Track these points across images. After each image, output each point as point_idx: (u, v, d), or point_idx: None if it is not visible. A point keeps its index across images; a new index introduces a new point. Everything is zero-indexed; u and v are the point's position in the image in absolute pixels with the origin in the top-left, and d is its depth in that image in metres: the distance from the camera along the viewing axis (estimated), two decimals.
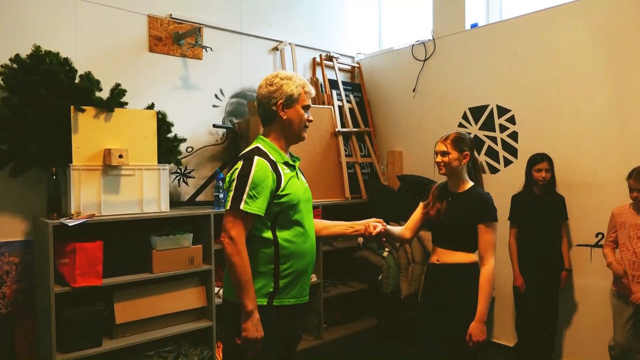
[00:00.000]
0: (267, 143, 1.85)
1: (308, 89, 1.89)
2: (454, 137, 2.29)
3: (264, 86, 1.85)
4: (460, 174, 2.30)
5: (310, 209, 1.94)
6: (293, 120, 1.85)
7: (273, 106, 1.83)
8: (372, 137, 4.48)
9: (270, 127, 1.88)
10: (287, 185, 1.78)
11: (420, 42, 4.14)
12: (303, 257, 1.84)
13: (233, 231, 1.69)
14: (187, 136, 3.45)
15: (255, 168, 1.72)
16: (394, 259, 3.74)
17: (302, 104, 1.86)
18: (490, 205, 2.23)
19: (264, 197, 1.72)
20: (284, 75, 1.85)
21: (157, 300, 2.89)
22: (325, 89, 4.28)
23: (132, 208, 2.85)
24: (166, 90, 3.46)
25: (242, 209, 1.68)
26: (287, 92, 1.82)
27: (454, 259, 2.26)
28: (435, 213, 2.32)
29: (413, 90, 4.21)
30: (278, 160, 1.81)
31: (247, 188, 1.70)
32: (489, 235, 2.20)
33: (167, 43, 3.49)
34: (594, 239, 3.14)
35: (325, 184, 3.94)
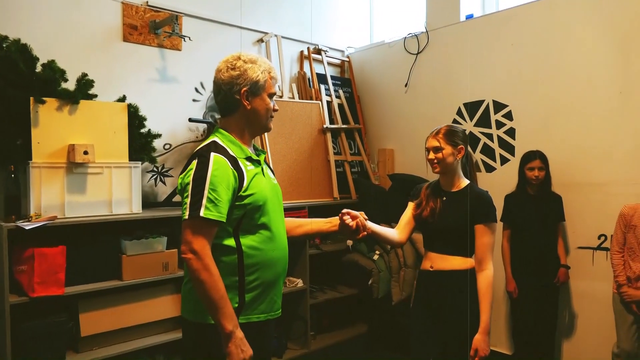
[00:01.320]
0: (226, 136, 1.63)
1: (274, 74, 1.68)
2: (446, 130, 2.11)
3: (224, 70, 1.62)
4: (455, 171, 2.12)
5: (280, 209, 1.73)
6: (259, 111, 1.64)
7: (235, 94, 1.61)
8: (362, 134, 4.27)
9: (231, 118, 1.66)
10: (251, 183, 1.57)
11: (413, 34, 3.94)
12: (272, 266, 1.62)
13: (196, 243, 1.46)
14: (164, 132, 3.22)
15: (212, 167, 1.50)
16: (384, 263, 3.54)
17: (268, 92, 1.65)
18: (490, 204, 2.05)
19: (225, 200, 1.50)
20: (248, 58, 1.63)
21: (127, 309, 2.65)
22: (313, 83, 4.06)
23: (100, 209, 2.62)
24: (141, 82, 3.23)
25: (203, 215, 1.46)
26: (252, 77, 1.60)
27: (450, 264, 2.07)
28: (428, 214, 2.12)
29: (405, 85, 4.01)
30: (239, 155, 1.60)
31: (205, 191, 1.47)
32: (487, 237, 2.01)
33: (143, 32, 3.25)
34: (596, 241, 2.96)
35: (312, 184, 3.73)
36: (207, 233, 1.48)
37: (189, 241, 1.47)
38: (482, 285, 1.98)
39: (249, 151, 1.65)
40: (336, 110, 4.08)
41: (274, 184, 1.74)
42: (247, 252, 1.56)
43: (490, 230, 2.02)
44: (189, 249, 1.46)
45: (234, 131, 1.65)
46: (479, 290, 1.98)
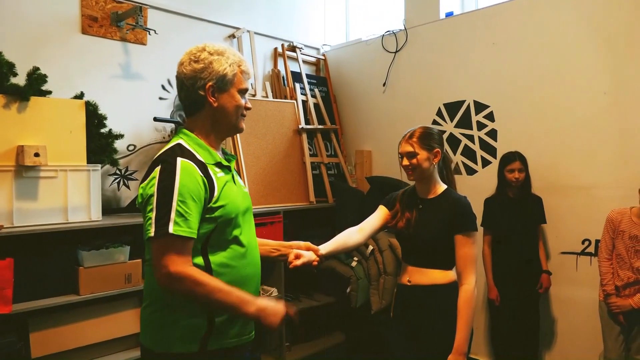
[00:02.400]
0: (192, 139, 1.43)
1: (245, 67, 1.48)
2: (421, 133, 1.94)
3: (187, 63, 1.42)
4: (431, 177, 1.96)
5: (250, 219, 1.55)
6: (227, 109, 1.44)
7: (200, 90, 1.41)
8: (339, 135, 4.11)
9: (196, 117, 1.46)
10: (222, 193, 1.38)
11: (391, 32, 3.81)
12: (245, 284, 1.43)
13: (172, 265, 1.25)
14: (128, 132, 2.99)
15: (180, 174, 1.30)
16: (363, 270, 3.39)
17: (238, 87, 1.45)
18: (469, 212, 1.90)
19: (196, 214, 1.31)
20: (214, 49, 1.43)
21: (84, 327, 2.42)
22: (288, 82, 3.89)
23: (54, 217, 2.38)
24: (103, 78, 2.99)
25: (173, 232, 1.26)
26: (219, 71, 1.41)
27: (429, 279, 1.90)
28: (404, 225, 1.95)
29: (383, 85, 3.88)
30: (208, 160, 1.41)
31: (173, 203, 1.27)
32: (468, 248, 1.85)
33: (104, 24, 3.01)
34: (580, 246, 2.88)
35: (287, 187, 3.55)
36: (181, 251, 1.28)
37: (163, 265, 1.26)
38: (460, 301, 1.82)
39: (219, 156, 1.46)
40: (312, 110, 3.91)
41: (244, 192, 1.55)
42: (217, 270, 1.37)
43: (471, 240, 1.85)
44: (166, 273, 1.26)
45: (200, 132, 1.46)
46: (457, 306, 1.83)
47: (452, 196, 1.93)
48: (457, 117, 3.44)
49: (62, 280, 2.37)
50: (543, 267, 2.91)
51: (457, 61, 3.42)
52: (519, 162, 2.87)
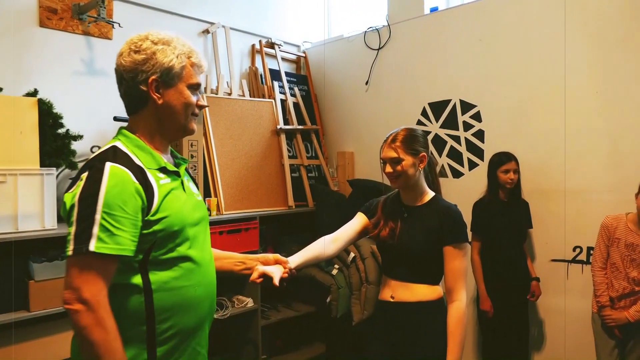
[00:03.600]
0: (132, 140, 1.24)
1: (197, 59, 1.29)
2: (404, 136, 1.76)
3: (127, 53, 1.23)
4: (417, 183, 1.78)
5: (205, 233, 1.36)
6: (174, 107, 1.25)
7: (141, 85, 1.22)
8: (320, 135, 3.94)
9: (139, 116, 1.27)
10: (164, 203, 1.19)
11: (374, 28, 3.64)
12: (194, 308, 1.24)
13: (86, 290, 1.06)
14: (91, 133, 2.78)
15: (107, 182, 1.11)
16: (344, 278, 3.21)
17: (187, 82, 1.26)
18: (460, 221, 1.73)
19: (129, 226, 1.12)
20: (159, 38, 1.24)
21: (35, 346, 2.20)
22: (266, 80, 3.70)
23: (2, 226, 2.16)
24: (63, 75, 2.78)
25: (94, 250, 1.07)
26: (164, 63, 1.21)
27: (415, 295, 1.73)
28: (387, 234, 1.77)
29: (366, 83, 3.71)
30: (149, 165, 1.22)
31: (96, 216, 1.08)
32: (458, 261, 1.68)
33: (64, 17, 2.80)
34: (571, 253, 2.74)
35: (264, 191, 3.36)
36: (102, 274, 1.09)
37: (75, 287, 1.07)
38: (451, 320, 1.65)
39: (163, 160, 1.27)
40: (291, 110, 3.73)
41: (197, 200, 1.36)
42: (159, 292, 1.18)
43: (462, 252, 1.69)
44: (77, 297, 1.06)
45: (143, 133, 1.26)
46: (447, 325, 1.65)
47: (440, 204, 1.77)
48: (443, 117, 3.29)
49: (11, 295, 2.16)
50: (532, 274, 2.78)
51: (443, 59, 3.26)
52: (514, 163, 2.73)
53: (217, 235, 2.88)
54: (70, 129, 2.57)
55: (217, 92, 3.38)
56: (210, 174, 3.11)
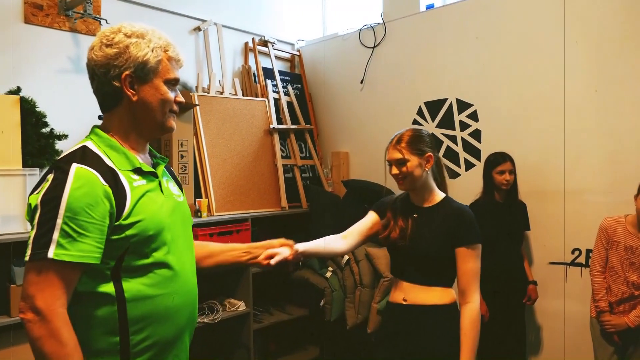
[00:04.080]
0: (104, 140, 1.17)
1: (174, 53, 1.22)
2: (410, 137, 1.72)
3: (98, 47, 1.15)
4: (425, 184, 1.74)
5: (186, 237, 1.28)
6: (149, 103, 1.18)
7: (114, 80, 1.15)
8: (314, 135, 3.87)
9: (113, 114, 1.20)
10: (138, 206, 1.12)
11: (369, 26, 3.57)
12: (171, 318, 1.17)
13: (40, 298, 1.00)
14: (79, 132, 2.68)
15: (71, 184, 1.04)
16: (338, 281, 3.15)
17: (164, 77, 1.19)
18: (472, 222, 1.69)
19: (95, 232, 1.05)
20: (132, 31, 1.16)
21: (16, 353, 2.13)
22: (259, 78, 3.63)
23: None
24: (49, 73, 2.70)
25: (53, 257, 1.00)
26: (138, 57, 1.14)
27: (428, 298, 1.69)
28: (398, 236, 1.73)
29: (361, 82, 3.64)
30: (122, 166, 1.15)
31: (58, 220, 1.01)
32: (471, 263, 1.65)
33: (50, 13, 2.72)
34: (570, 256, 2.67)
35: (256, 192, 3.29)
36: (61, 282, 1.02)
37: (30, 295, 1.00)
38: (465, 322, 1.61)
39: (138, 160, 1.19)
40: (284, 109, 3.66)
41: (177, 202, 1.28)
42: (133, 301, 1.11)
43: (475, 253, 1.66)
44: (30, 306, 1.00)
45: (118, 132, 1.19)
46: (461, 327, 1.61)
47: (452, 205, 1.73)
48: (439, 117, 3.22)
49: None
50: (529, 278, 2.71)
51: (439, 57, 3.20)
52: (510, 163, 2.66)
53: (208, 237, 2.81)
54: (56, 128, 2.51)
55: (209, 90, 3.31)
56: (201, 174, 3.04)
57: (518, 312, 2.69)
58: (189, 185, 2.91)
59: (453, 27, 3.13)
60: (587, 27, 2.60)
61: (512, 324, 2.65)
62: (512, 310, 2.66)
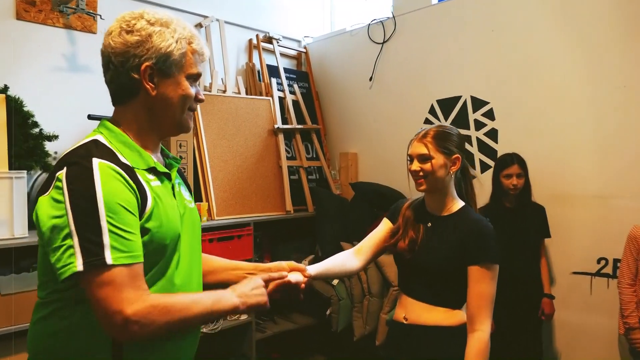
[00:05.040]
0: (116, 135, 1.05)
1: (199, 46, 1.10)
2: (437, 132, 1.54)
3: (117, 33, 1.04)
4: (446, 189, 1.56)
5: (196, 245, 1.17)
6: (169, 100, 1.07)
7: (132, 71, 1.03)
8: (321, 135, 3.71)
9: (127, 107, 1.08)
10: (156, 210, 1.01)
11: (378, 20, 3.40)
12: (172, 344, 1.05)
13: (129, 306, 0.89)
14: (72, 132, 2.57)
15: (101, 179, 0.93)
16: (345, 289, 2.98)
17: (187, 72, 1.08)
18: (490, 238, 1.49)
19: (137, 229, 0.96)
20: (156, 18, 1.05)
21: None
22: (263, 76, 3.48)
23: None
24: (41, 71, 2.59)
25: (113, 262, 0.90)
26: (161, 48, 1.03)
27: (432, 318, 1.50)
28: (407, 246, 1.55)
29: (370, 80, 3.47)
30: (138, 165, 1.04)
31: (102, 222, 0.91)
32: (485, 284, 1.44)
33: (43, 9, 2.61)
34: (595, 265, 2.47)
35: (259, 195, 3.14)
36: (131, 282, 0.92)
37: (115, 310, 0.89)
38: (471, 353, 1.41)
39: (153, 160, 1.08)
40: (290, 108, 3.51)
41: (190, 208, 1.17)
42: None
43: (490, 274, 1.45)
44: (122, 321, 0.89)
45: (131, 128, 1.08)
46: (465, 357, 1.42)
47: (470, 216, 1.54)
48: (452, 116, 3.04)
49: None
50: (545, 290, 2.51)
51: (452, 52, 3.02)
52: (517, 166, 2.47)
53: (207, 243, 2.67)
54: (48, 128, 2.38)
55: (211, 89, 3.18)
56: (202, 176, 2.91)
57: (532, 327, 2.48)
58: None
59: (467, 20, 2.94)
60: (614, 16, 2.39)
61: (525, 340, 2.45)
62: (524, 326, 2.46)
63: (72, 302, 0.97)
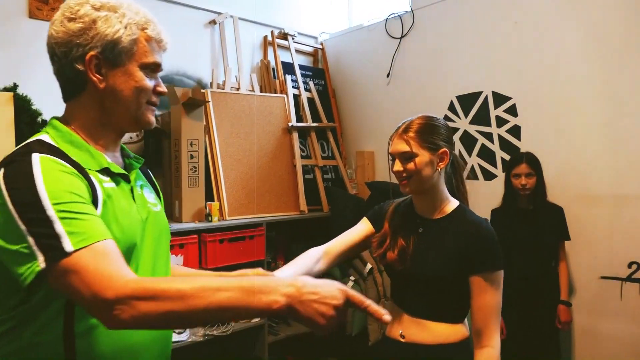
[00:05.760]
0: (64, 134, 0.96)
1: (154, 31, 1.00)
2: (421, 125, 1.35)
3: (59, 21, 0.95)
4: (435, 188, 1.38)
5: (162, 252, 1.07)
6: (120, 92, 0.97)
7: (77, 63, 0.94)
8: (337, 134, 3.62)
9: (75, 103, 0.99)
10: (108, 213, 0.92)
11: (396, 15, 3.29)
12: (134, 356, 0.95)
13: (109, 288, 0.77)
14: None
15: (41, 171, 0.84)
16: (360, 291, 2.89)
17: (140, 61, 0.98)
18: (493, 243, 1.32)
19: (93, 212, 0.87)
20: (102, 3, 0.95)
21: None
22: (278, 74, 3.41)
23: None
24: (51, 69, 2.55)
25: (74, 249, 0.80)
26: (107, 34, 0.94)
27: (432, 335, 1.34)
28: (398, 256, 1.38)
29: (387, 76, 3.37)
30: (89, 166, 0.94)
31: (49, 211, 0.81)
32: (490, 295, 1.28)
33: (56, 8, 2.57)
34: (626, 270, 2.31)
35: (272, 194, 3.07)
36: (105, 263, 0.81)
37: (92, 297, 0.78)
38: None
39: (106, 159, 0.99)
40: (305, 106, 3.43)
41: (154, 212, 1.07)
42: (86, 336, 0.89)
43: (495, 283, 1.30)
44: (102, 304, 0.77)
45: (82, 126, 0.99)
46: None
47: (467, 218, 1.37)
48: (473, 112, 2.91)
49: None
50: (561, 296, 2.37)
51: (473, 45, 2.89)
52: (526, 165, 2.35)
53: (218, 244, 2.62)
54: None
55: (224, 87, 3.13)
56: (213, 175, 2.86)
57: (548, 337, 2.34)
58: (200, 187, 2.73)
59: (488, 12, 2.81)
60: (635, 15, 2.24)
61: (541, 350, 2.31)
62: (540, 335, 2.32)
63: (20, 322, 0.88)
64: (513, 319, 2.29)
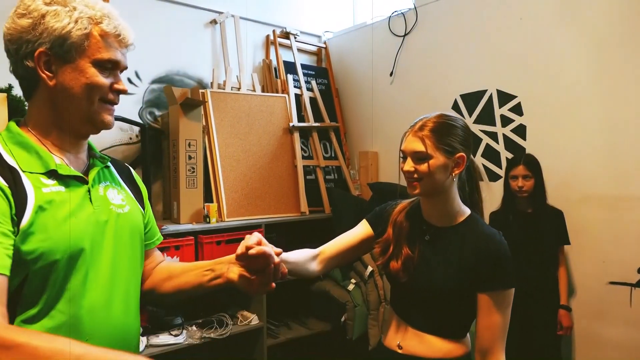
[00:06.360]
0: (14, 136, 0.95)
1: (110, 26, 0.97)
2: (437, 124, 1.24)
3: (11, 18, 0.93)
4: (447, 195, 1.28)
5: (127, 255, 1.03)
6: (69, 89, 0.94)
7: (27, 59, 0.92)
8: (340, 134, 3.56)
9: (32, 102, 0.98)
10: (43, 219, 0.88)
11: (399, 12, 3.23)
12: None
13: None
14: None
15: None
16: (361, 295, 2.83)
17: (92, 57, 0.95)
18: (506, 259, 1.23)
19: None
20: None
21: None
22: (280, 73, 3.37)
23: None
24: None
25: None
26: (55, 29, 0.91)
27: (431, 350, 1.27)
28: (402, 266, 1.29)
29: (390, 75, 3.30)
30: (29, 168, 0.92)
31: None
32: (498, 315, 1.20)
33: None
34: (635, 275, 2.22)
35: (272, 195, 3.03)
36: None
37: None
38: None
39: (54, 161, 0.95)
40: (306, 105, 3.38)
41: (119, 214, 1.03)
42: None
43: (505, 302, 1.22)
44: None
45: (37, 125, 0.97)
46: None
47: (479, 230, 1.26)
48: (477, 111, 2.83)
49: None
50: (561, 301, 2.29)
51: (477, 43, 2.81)
52: (523, 167, 2.28)
53: (215, 246, 2.58)
54: None
55: (225, 87, 3.10)
56: (212, 176, 2.83)
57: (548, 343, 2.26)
58: (198, 188, 2.70)
59: (493, 9, 2.73)
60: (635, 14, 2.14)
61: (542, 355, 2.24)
62: (540, 341, 2.24)
63: None
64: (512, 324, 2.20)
